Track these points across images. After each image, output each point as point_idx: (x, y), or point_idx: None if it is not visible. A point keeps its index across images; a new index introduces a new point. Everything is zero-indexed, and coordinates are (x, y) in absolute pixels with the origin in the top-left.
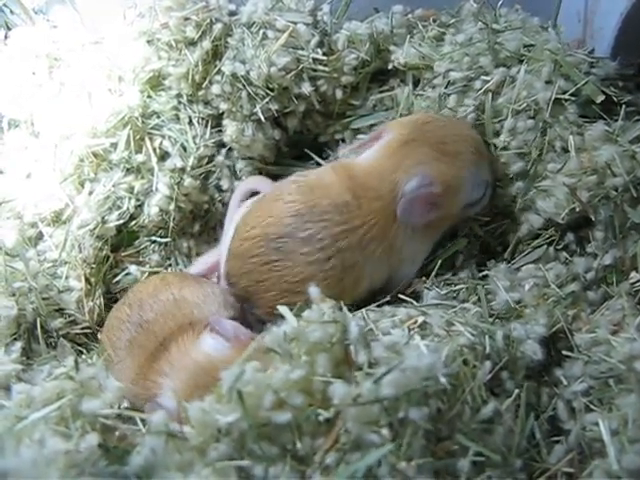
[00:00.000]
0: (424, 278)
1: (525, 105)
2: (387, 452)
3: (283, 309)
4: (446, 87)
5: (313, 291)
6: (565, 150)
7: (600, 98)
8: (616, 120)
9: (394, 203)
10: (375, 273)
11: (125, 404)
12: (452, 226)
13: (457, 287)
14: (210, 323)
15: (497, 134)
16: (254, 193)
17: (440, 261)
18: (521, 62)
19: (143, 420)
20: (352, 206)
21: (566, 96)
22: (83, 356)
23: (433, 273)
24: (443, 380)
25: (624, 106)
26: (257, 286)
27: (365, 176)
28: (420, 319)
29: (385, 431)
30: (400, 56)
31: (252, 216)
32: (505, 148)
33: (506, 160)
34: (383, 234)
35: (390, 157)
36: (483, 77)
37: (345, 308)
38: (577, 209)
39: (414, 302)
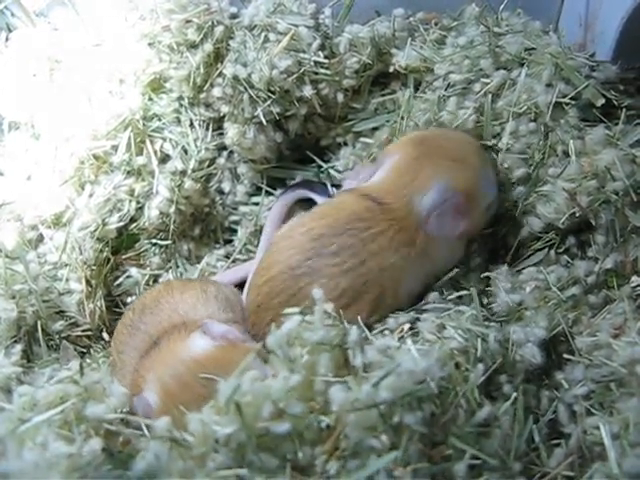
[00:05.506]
0: None
1: (525, 108)
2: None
3: (289, 309)
4: (446, 89)
5: (316, 293)
6: (566, 154)
7: (600, 102)
8: (616, 124)
9: (412, 216)
10: (412, 277)
11: (129, 409)
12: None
13: (461, 290)
14: (203, 325)
15: (496, 136)
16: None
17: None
18: (522, 65)
19: (147, 425)
20: (374, 210)
21: (566, 100)
22: (87, 360)
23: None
24: (432, 384)
25: (624, 110)
26: None
27: (378, 194)
28: (406, 326)
29: (384, 437)
30: (401, 59)
31: (267, 261)
32: (508, 150)
33: (510, 165)
34: (411, 240)
35: (402, 175)
36: (483, 79)
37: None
38: (577, 214)
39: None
